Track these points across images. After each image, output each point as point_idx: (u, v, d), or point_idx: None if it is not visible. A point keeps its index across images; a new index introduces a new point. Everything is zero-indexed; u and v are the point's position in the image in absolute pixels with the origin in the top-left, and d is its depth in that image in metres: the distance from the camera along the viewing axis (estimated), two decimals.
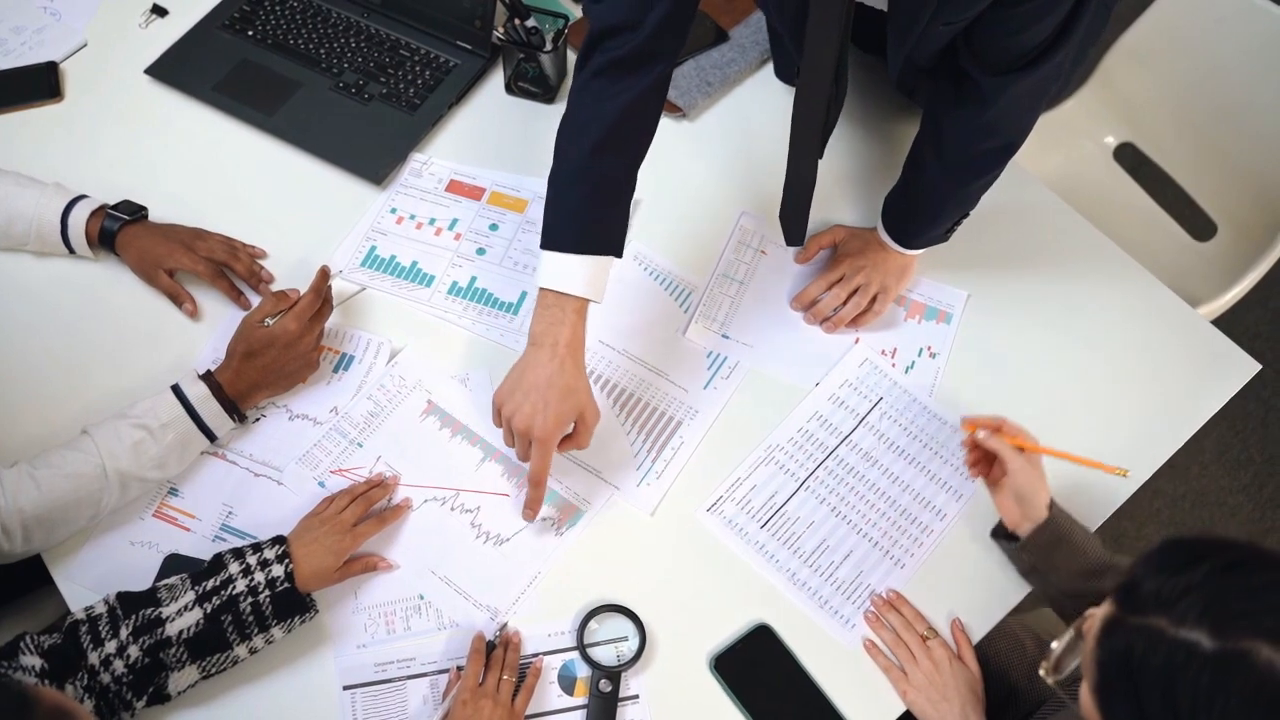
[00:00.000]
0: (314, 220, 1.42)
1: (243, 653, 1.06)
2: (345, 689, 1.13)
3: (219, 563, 1.07)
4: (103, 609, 1.03)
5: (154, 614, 1.02)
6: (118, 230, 1.31)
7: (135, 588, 1.06)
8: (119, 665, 1.00)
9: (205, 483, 1.22)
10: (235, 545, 1.11)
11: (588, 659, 1.14)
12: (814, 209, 1.29)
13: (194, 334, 1.32)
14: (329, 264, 1.31)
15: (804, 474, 1.26)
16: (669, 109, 1.51)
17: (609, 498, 1.24)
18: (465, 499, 1.23)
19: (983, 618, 1.19)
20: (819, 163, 1.24)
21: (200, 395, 1.16)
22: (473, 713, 1.05)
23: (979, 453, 1.18)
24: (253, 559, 1.08)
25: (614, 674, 1.13)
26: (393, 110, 1.50)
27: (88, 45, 1.56)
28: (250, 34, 1.56)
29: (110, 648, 1.00)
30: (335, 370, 1.30)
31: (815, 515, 1.24)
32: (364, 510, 1.18)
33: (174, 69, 1.53)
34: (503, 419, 1.16)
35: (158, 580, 1.11)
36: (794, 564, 1.21)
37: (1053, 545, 1.12)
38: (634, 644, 1.15)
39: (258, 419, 1.26)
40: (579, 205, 1.14)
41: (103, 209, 1.32)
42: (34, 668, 0.96)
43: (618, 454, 1.27)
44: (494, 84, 1.55)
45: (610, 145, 1.13)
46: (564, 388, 1.12)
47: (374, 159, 1.45)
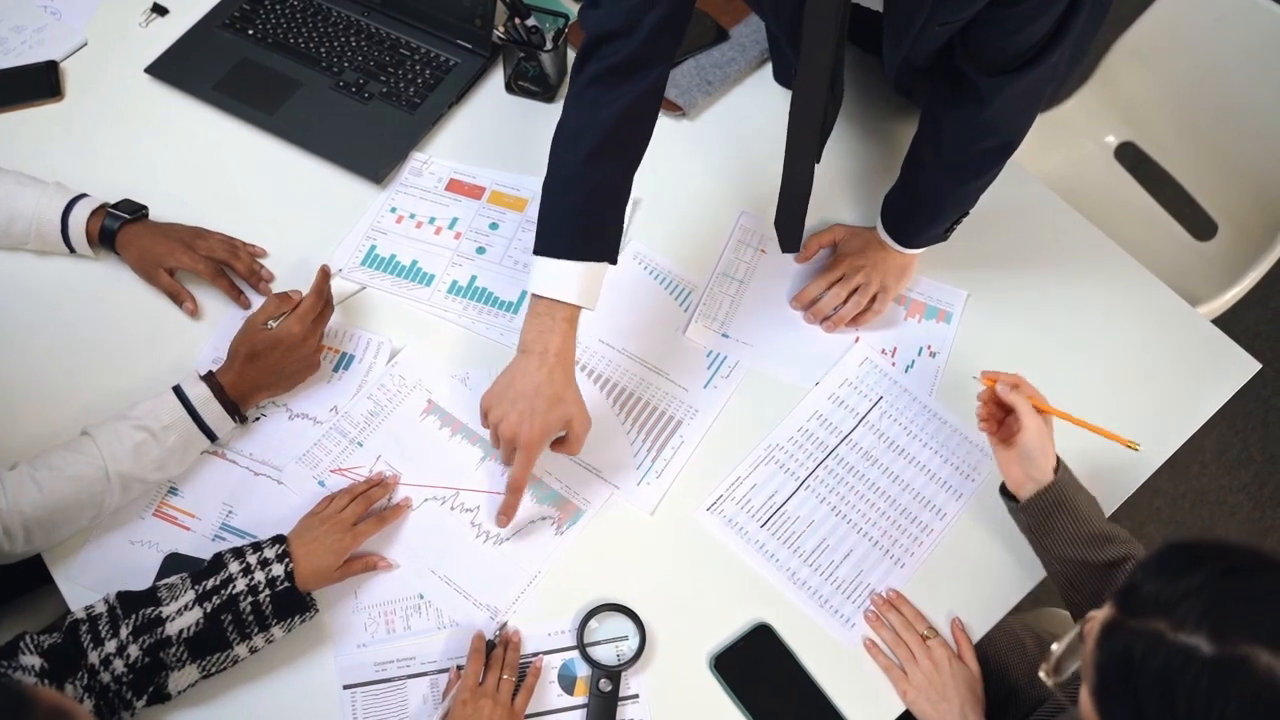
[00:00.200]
0: (314, 219, 1.42)
1: (243, 652, 1.06)
2: (345, 688, 1.13)
3: (219, 562, 1.07)
4: (103, 608, 1.03)
5: (154, 613, 1.02)
6: (118, 229, 1.31)
7: (135, 587, 1.06)
8: (119, 664, 1.00)
9: (205, 482, 1.22)
10: (235, 544, 1.11)
11: (588, 658, 1.14)
12: (813, 209, 1.29)
13: (194, 333, 1.32)
14: (329, 263, 1.31)
15: (804, 473, 1.26)
16: (669, 108, 1.51)
17: (609, 497, 1.24)
18: (465, 498, 1.23)
19: (982, 617, 1.19)
20: (816, 167, 1.24)
21: (202, 396, 1.16)
22: (473, 712, 1.05)
23: (992, 407, 1.16)
24: (253, 558, 1.08)
25: (614, 673, 1.13)
26: (393, 109, 1.50)
27: (88, 44, 1.56)
28: (250, 33, 1.56)
29: (110, 647, 1.00)
30: (335, 369, 1.30)
31: (815, 514, 1.24)
32: (364, 509, 1.18)
33: (174, 68, 1.53)
34: (489, 423, 1.16)
35: (158, 579, 1.12)
36: (794, 563, 1.21)
37: (1052, 510, 1.12)
38: (634, 643, 1.15)
39: (258, 418, 1.26)
40: (574, 211, 1.13)
41: (103, 208, 1.32)
42: (34, 667, 0.96)
43: (617, 453, 1.27)
44: (494, 83, 1.55)
45: (606, 152, 1.12)
46: (552, 396, 1.12)
47: (374, 158, 1.45)
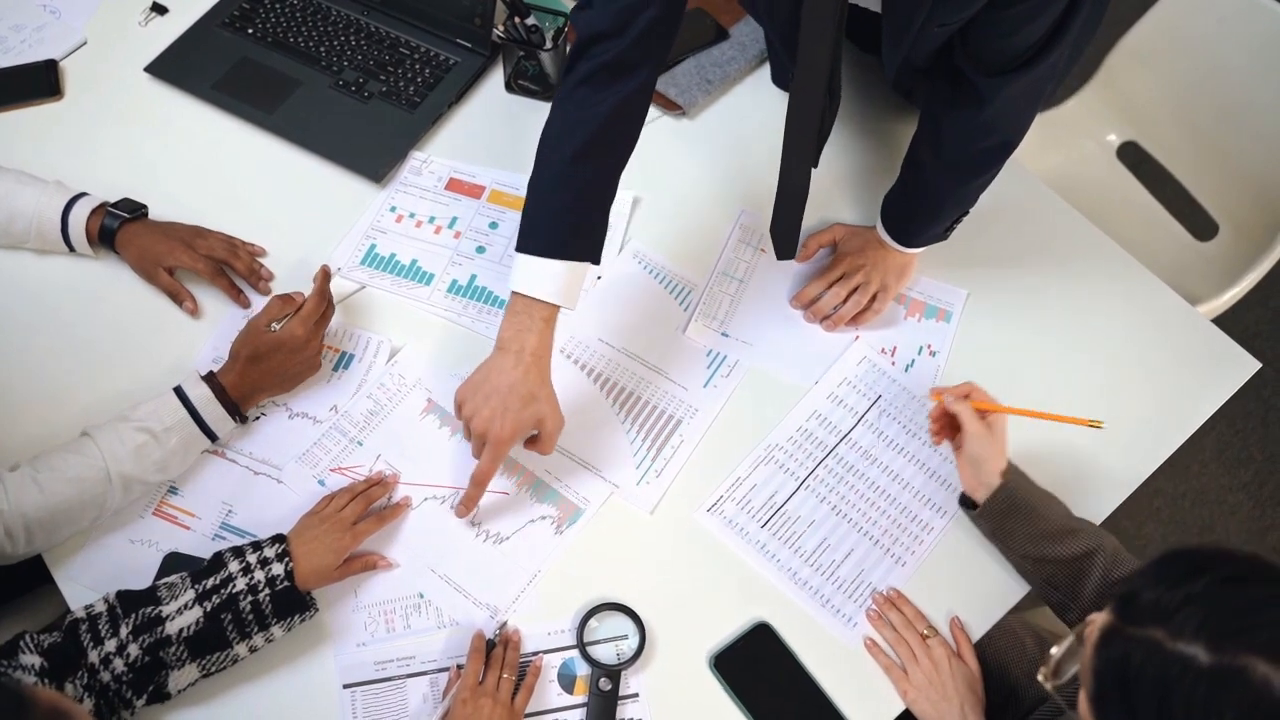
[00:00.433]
0: (314, 218, 1.42)
1: (243, 651, 1.06)
2: (345, 687, 1.13)
3: (219, 561, 1.07)
4: (102, 607, 1.03)
5: (154, 612, 1.02)
6: (118, 228, 1.31)
7: (135, 586, 1.07)
8: (119, 664, 1.00)
9: (205, 481, 1.22)
10: (235, 544, 1.11)
11: (587, 657, 1.14)
12: (813, 208, 1.29)
13: (194, 333, 1.32)
14: (329, 263, 1.31)
15: (804, 473, 1.26)
16: (669, 106, 1.51)
17: (608, 496, 1.24)
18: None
19: (983, 616, 1.19)
20: (813, 172, 1.24)
21: (203, 397, 1.16)
22: (473, 711, 1.05)
23: (943, 420, 1.20)
24: (252, 557, 1.08)
25: (614, 672, 1.13)
26: (392, 108, 1.50)
27: (87, 43, 1.56)
28: (250, 32, 1.56)
29: (110, 646, 1.00)
30: (335, 369, 1.30)
31: (816, 514, 1.24)
32: (364, 508, 1.18)
33: (174, 67, 1.53)
34: (463, 416, 1.16)
35: (157, 579, 1.11)
36: (795, 563, 1.21)
37: (1007, 512, 1.14)
38: (634, 642, 1.15)
39: (258, 417, 1.26)
40: (558, 210, 1.14)
41: (103, 207, 1.32)
42: (34, 666, 0.96)
43: (617, 452, 1.27)
44: (494, 82, 1.55)
45: (593, 151, 1.13)
46: (525, 395, 1.12)
47: (374, 157, 1.45)
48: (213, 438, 1.19)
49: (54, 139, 1.47)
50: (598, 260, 1.16)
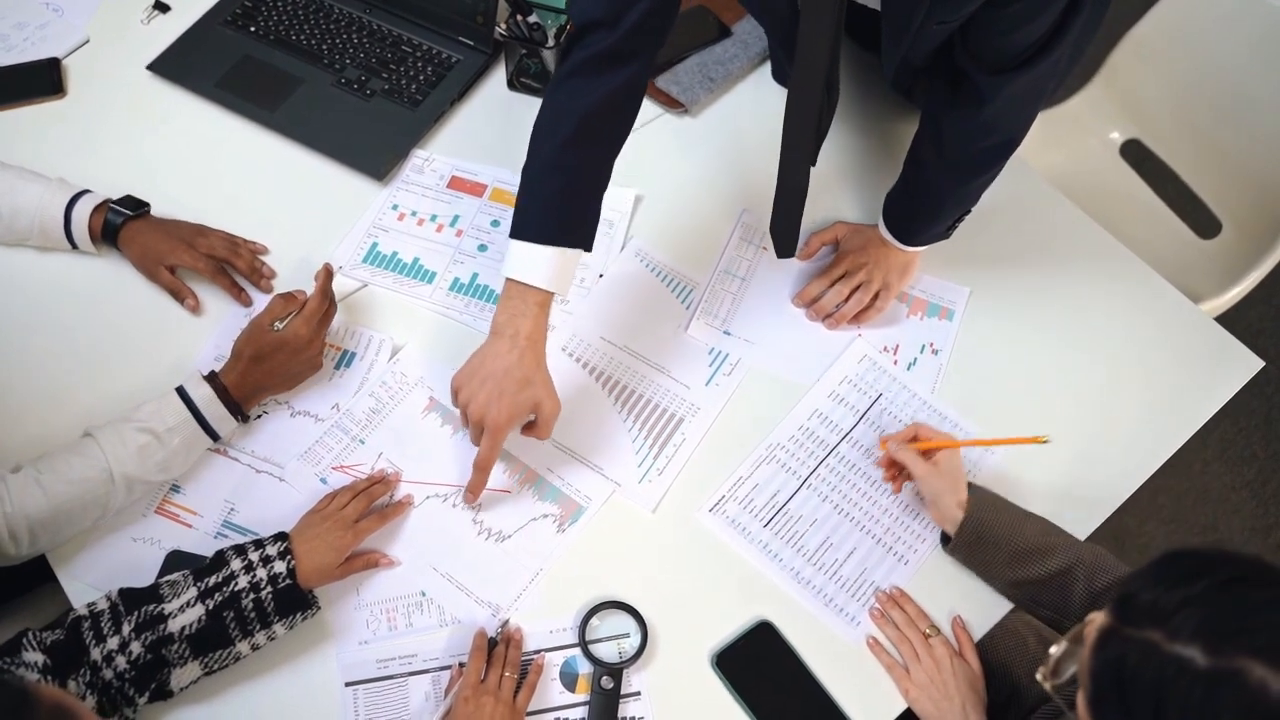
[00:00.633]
0: (316, 216, 1.42)
1: (245, 649, 1.06)
2: (347, 685, 1.13)
3: (221, 559, 1.07)
4: (105, 605, 1.03)
5: (156, 610, 1.02)
6: (120, 225, 1.31)
7: (137, 584, 1.07)
8: (121, 661, 1.00)
9: (207, 479, 1.22)
10: (237, 542, 1.11)
11: (589, 656, 1.14)
12: (814, 207, 1.29)
13: (196, 331, 1.32)
14: (330, 261, 1.31)
15: (805, 472, 1.26)
16: (672, 104, 1.51)
17: (610, 494, 1.24)
18: None
19: (985, 614, 1.19)
20: (812, 170, 1.23)
21: (206, 397, 1.16)
22: (475, 709, 1.05)
23: (894, 468, 1.22)
24: (255, 555, 1.08)
25: (616, 671, 1.13)
26: (395, 106, 1.50)
27: (90, 41, 1.56)
28: (252, 30, 1.56)
29: (112, 644, 1.00)
30: (337, 367, 1.30)
31: (818, 513, 1.24)
32: (365, 506, 1.18)
33: (176, 65, 1.53)
34: (459, 403, 1.16)
35: (160, 577, 1.11)
36: (798, 562, 1.21)
37: (975, 543, 1.16)
38: (636, 641, 1.15)
39: (259, 415, 1.26)
40: (550, 197, 1.14)
41: (105, 204, 1.32)
42: (37, 664, 0.96)
43: (619, 451, 1.27)
44: (496, 80, 1.55)
45: (583, 137, 1.13)
46: (521, 379, 1.13)
47: (376, 155, 1.45)
48: (215, 437, 1.19)
49: (56, 137, 1.46)
50: (589, 247, 1.17)
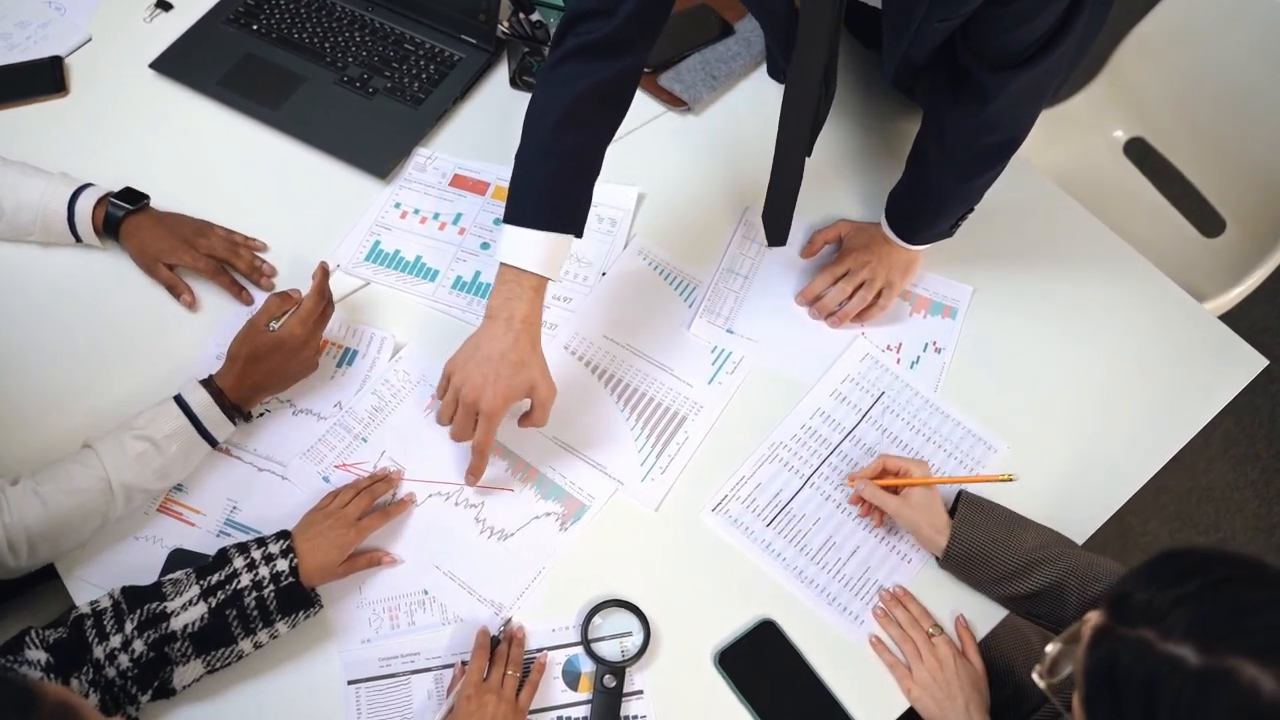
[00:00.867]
0: (318, 215, 1.42)
1: (247, 647, 1.06)
2: (350, 684, 1.13)
3: (223, 557, 1.07)
4: (108, 603, 1.03)
5: (159, 608, 1.02)
6: (122, 219, 1.31)
7: (140, 582, 1.07)
8: (124, 659, 1.00)
9: (210, 478, 1.22)
10: (240, 540, 1.11)
11: (592, 654, 1.14)
12: (816, 205, 1.29)
13: (197, 328, 1.32)
14: (331, 259, 1.31)
15: (808, 470, 1.26)
16: (674, 103, 1.51)
17: (613, 493, 1.24)
18: (469, 494, 1.23)
19: (988, 614, 1.19)
20: (808, 162, 1.23)
21: (203, 403, 1.16)
22: (477, 708, 1.05)
23: (867, 505, 1.22)
24: (257, 554, 1.08)
25: (618, 669, 1.13)
26: (397, 104, 1.50)
27: (92, 40, 1.56)
28: (255, 28, 1.56)
29: (115, 642, 1.00)
30: (339, 365, 1.30)
31: (821, 512, 1.24)
32: (368, 505, 1.17)
33: (178, 63, 1.53)
34: (451, 388, 1.16)
35: (162, 575, 1.11)
36: (801, 561, 1.21)
37: (964, 564, 1.17)
38: (638, 639, 1.15)
39: (262, 414, 1.26)
40: (542, 182, 1.14)
41: (107, 198, 1.32)
42: (39, 662, 0.96)
43: (622, 449, 1.26)
44: (499, 78, 1.55)
45: (573, 121, 1.13)
46: (516, 362, 1.13)
47: (378, 153, 1.45)
48: (213, 443, 1.18)
49: (59, 135, 1.46)
50: (579, 233, 1.17)
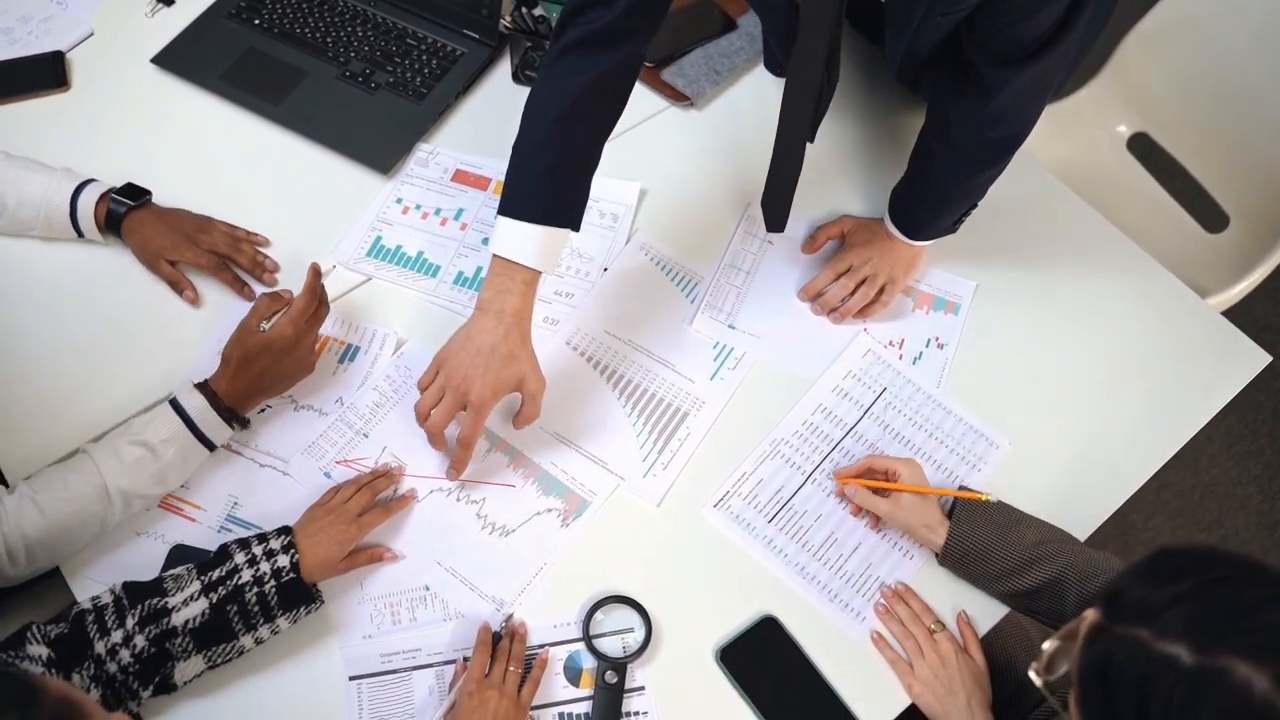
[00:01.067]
0: (320, 210, 1.42)
1: (248, 643, 1.06)
2: (351, 679, 1.13)
3: (225, 553, 1.07)
4: (109, 599, 1.03)
5: (160, 604, 1.02)
6: (124, 214, 1.31)
7: (141, 578, 1.07)
8: (125, 655, 1.00)
9: (211, 474, 1.22)
10: (241, 536, 1.11)
11: (593, 650, 1.13)
12: (819, 199, 1.29)
13: (198, 324, 1.32)
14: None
15: (810, 467, 1.26)
16: (677, 98, 1.50)
17: (615, 489, 1.24)
18: (471, 490, 1.23)
19: (990, 610, 1.19)
20: (811, 157, 1.23)
21: (198, 407, 1.15)
22: (479, 704, 1.05)
23: (857, 504, 1.22)
24: (258, 549, 1.08)
25: (620, 665, 1.13)
26: (399, 99, 1.49)
27: (93, 34, 1.56)
28: (256, 22, 1.56)
29: (116, 637, 1.00)
30: (340, 361, 1.30)
31: (823, 508, 1.23)
32: (369, 500, 1.17)
33: (180, 58, 1.53)
34: (439, 378, 1.15)
35: (163, 570, 1.11)
36: (802, 558, 1.20)
37: (961, 561, 1.17)
38: (640, 635, 1.15)
39: (263, 410, 1.26)
40: (540, 175, 1.14)
41: (108, 193, 1.32)
42: (41, 657, 0.96)
43: (623, 445, 1.26)
44: (501, 73, 1.54)
45: (574, 116, 1.13)
46: (506, 355, 1.13)
47: (380, 148, 1.45)
48: (210, 447, 1.17)
49: (60, 130, 1.46)
50: (576, 227, 1.16)
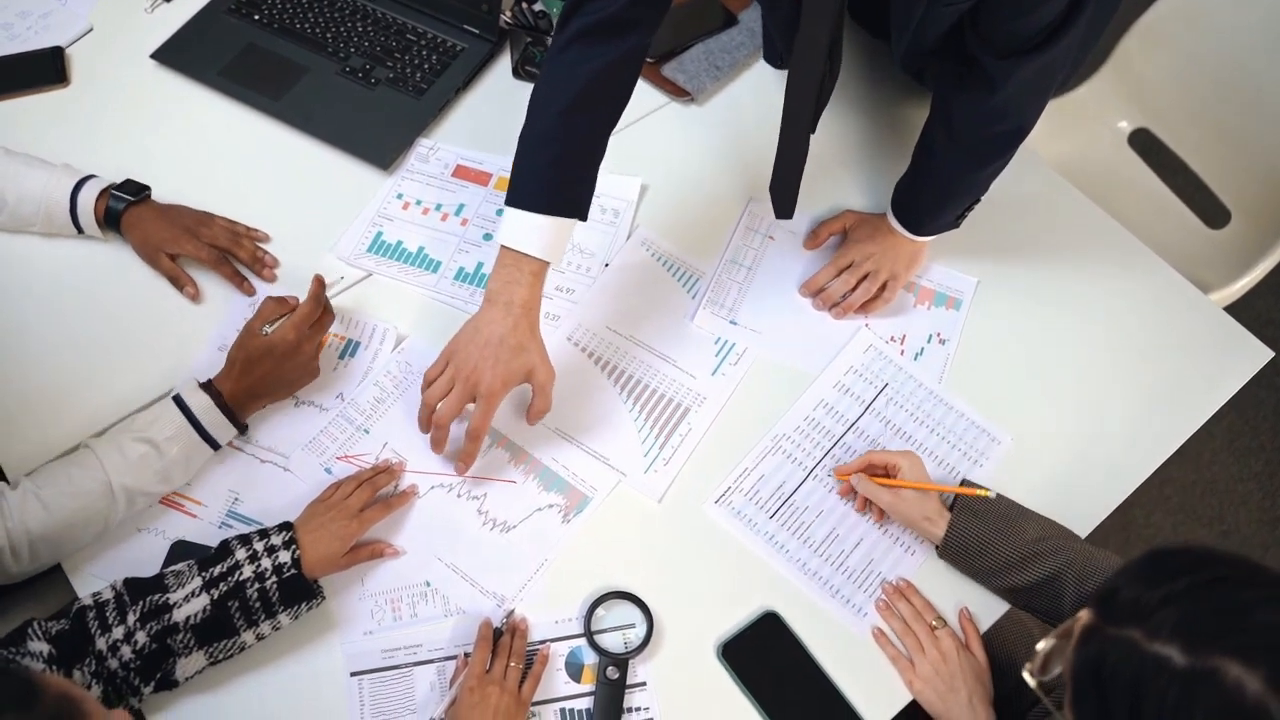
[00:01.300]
0: (320, 206, 1.41)
1: (250, 639, 1.06)
2: (352, 675, 1.13)
3: (226, 549, 1.07)
4: (110, 595, 1.03)
5: (161, 600, 1.02)
6: (123, 210, 1.31)
7: (142, 574, 1.06)
8: (126, 651, 1.00)
9: (212, 470, 1.22)
10: (242, 532, 1.11)
11: (595, 646, 1.13)
12: (820, 193, 1.28)
13: (199, 319, 1.32)
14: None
15: (811, 463, 1.26)
16: (678, 93, 1.50)
17: (616, 484, 1.24)
18: (472, 486, 1.23)
19: (991, 607, 1.19)
20: (815, 152, 1.23)
21: (202, 405, 1.15)
22: (480, 699, 1.05)
23: (862, 499, 1.22)
24: (259, 545, 1.08)
25: (621, 661, 1.12)
26: (399, 95, 1.49)
27: (93, 30, 1.56)
28: (256, 18, 1.55)
29: (118, 633, 1.00)
30: (341, 357, 1.30)
31: (824, 504, 1.23)
32: (370, 496, 1.17)
33: (180, 53, 1.53)
34: (449, 369, 1.15)
35: (165, 567, 1.11)
36: (804, 554, 1.20)
37: (961, 555, 1.16)
38: (641, 631, 1.15)
39: (264, 406, 1.26)
40: (546, 165, 1.14)
41: (108, 189, 1.32)
42: (42, 653, 0.96)
43: (625, 441, 1.26)
44: (501, 69, 1.54)
45: (581, 108, 1.13)
46: (515, 346, 1.13)
47: (380, 144, 1.45)
48: (215, 446, 1.17)
49: (60, 126, 1.46)
50: (584, 217, 1.17)
